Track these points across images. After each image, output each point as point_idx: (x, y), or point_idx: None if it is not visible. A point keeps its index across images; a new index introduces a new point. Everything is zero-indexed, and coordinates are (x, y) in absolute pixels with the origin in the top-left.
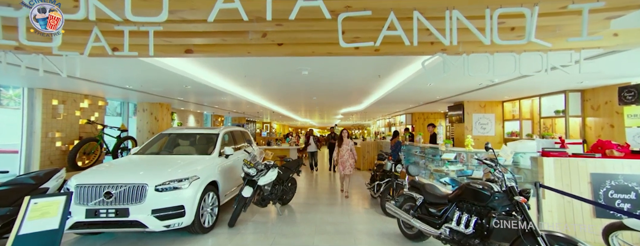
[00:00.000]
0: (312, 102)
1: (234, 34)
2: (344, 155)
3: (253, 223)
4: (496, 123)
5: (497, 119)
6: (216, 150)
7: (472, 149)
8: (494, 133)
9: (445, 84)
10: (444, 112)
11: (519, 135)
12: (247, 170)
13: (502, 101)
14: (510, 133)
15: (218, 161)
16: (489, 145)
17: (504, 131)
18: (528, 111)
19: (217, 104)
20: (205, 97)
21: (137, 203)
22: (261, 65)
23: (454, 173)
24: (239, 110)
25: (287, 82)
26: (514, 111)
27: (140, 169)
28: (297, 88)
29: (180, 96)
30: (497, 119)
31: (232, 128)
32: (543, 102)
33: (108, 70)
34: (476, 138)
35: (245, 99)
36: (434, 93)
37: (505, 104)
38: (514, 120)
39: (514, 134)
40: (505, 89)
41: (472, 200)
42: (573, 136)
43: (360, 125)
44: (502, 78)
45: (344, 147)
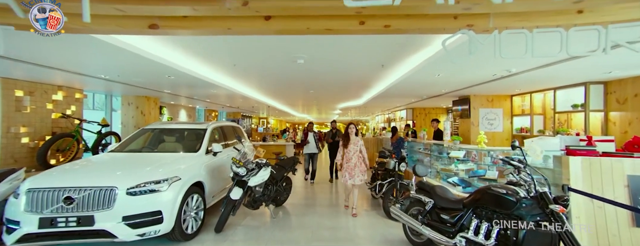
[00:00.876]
0: (309, 96)
1: (207, 2)
2: (352, 158)
3: (243, 228)
4: (504, 118)
5: (505, 114)
6: (203, 147)
7: (485, 146)
8: (502, 129)
9: (455, 76)
10: (446, 107)
11: (530, 131)
12: (236, 170)
13: (510, 95)
14: (520, 129)
15: (205, 160)
16: (516, 143)
17: (512, 127)
18: (539, 105)
19: (209, 98)
20: (194, 90)
21: (105, 209)
22: (251, 52)
23: (464, 172)
24: (233, 104)
25: (281, 73)
26: (524, 106)
27: (112, 169)
28: (292, 80)
29: (167, 88)
30: (505, 114)
31: (222, 123)
32: (558, 95)
33: (77, 56)
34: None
35: (237, 93)
36: (440, 86)
37: (514, 99)
38: (523, 115)
39: (523, 130)
40: (518, 82)
41: (493, 207)
42: (594, 132)
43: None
44: (522, 67)
45: (351, 148)
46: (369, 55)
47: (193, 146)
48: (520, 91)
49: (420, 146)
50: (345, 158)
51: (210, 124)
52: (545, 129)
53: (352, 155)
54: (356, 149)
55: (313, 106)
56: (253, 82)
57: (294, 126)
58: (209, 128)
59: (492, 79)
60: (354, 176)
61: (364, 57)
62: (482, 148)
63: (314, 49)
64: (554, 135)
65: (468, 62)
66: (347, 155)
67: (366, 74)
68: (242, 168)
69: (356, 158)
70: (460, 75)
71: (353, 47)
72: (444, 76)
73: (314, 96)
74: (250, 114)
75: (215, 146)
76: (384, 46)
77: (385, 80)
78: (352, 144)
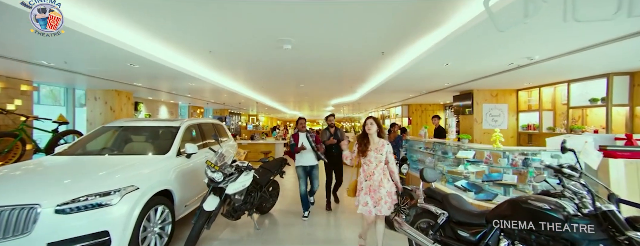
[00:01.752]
0: (300, 91)
1: None
2: (374, 173)
3: (220, 243)
4: (509, 115)
5: (511, 110)
6: (174, 148)
7: (500, 146)
8: (506, 126)
9: (466, 65)
10: (444, 103)
11: (538, 128)
12: (211, 175)
13: (516, 90)
14: (526, 126)
15: (175, 163)
16: (566, 144)
17: (518, 123)
18: (549, 100)
19: (189, 93)
20: (170, 83)
21: (18, 237)
22: (227, 36)
23: (474, 175)
24: (218, 100)
25: (267, 63)
26: (530, 101)
27: (42, 179)
28: (280, 72)
29: (137, 80)
30: (511, 110)
31: (200, 120)
32: (573, 89)
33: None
34: (486, 131)
35: (219, 86)
36: (445, 78)
37: (521, 93)
38: (530, 111)
39: (530, 127)
40: (530, 74)
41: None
42: (617, 129)
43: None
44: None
45: (373, 156)
46: (367, 39)
47: (164, 147)
48: (529, 84)
49: (420, 145)
50: (364, 172)
51: (184, 122)
52: (555, 126)
53: (375, 168)
54: (380, 158)
55: (304, 102)
56: (236, 74)
57: (285, 123)
58: (183, 125)
59: (505, 70)
60: (380, 203)
61: (361, 42)
62: (497, 147)
63: (303, 30)
64: (568, 132)
65: (494, 43)
66: (367, 168)
67: (362, 64)
68: (218, 172)
69: (381, 172)
70: (472, 64)
71: (348, 30)
72: (453, 65)
73: (305, 91)
74: (238, 111)
75: (188, 147)
76: (385, 28)
77: (384, 71)
78: (374, 151)
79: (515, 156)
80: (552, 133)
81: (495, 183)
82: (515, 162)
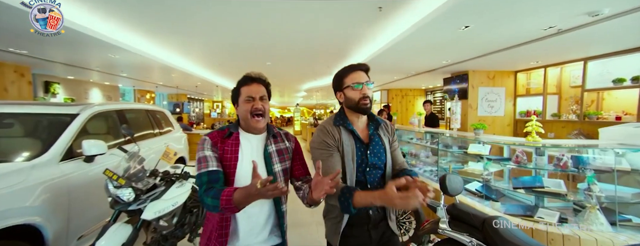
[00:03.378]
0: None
1: None
2: None
3: None
4: (506, 100)
5: (508, 94)
6: (55, 149)
7: (539, 139)
8: (503, 113)
9: (493, 29)
10: (425, 88)
11: (541, 115)
12: (115, 191)
13: (515, 71)
14: (525, 113)
15: (55, 172)
16: None
17: (515, 109)
18: (553, 83)
19: (124, 71)
20: (79, 54)
21: None
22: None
23: (492, 177)
24: (169, 83)
25: (222, 32)
26: (530, 84)
27: None
28: (240, 45)
29: (21, 45)
30: (508, 95)
31: (122, 105)
32: (590, 67)
33: None
34: (482, 118)
35: (160, 63)
36: (449, 52)
37: (519, 75)
38: (528, 96)
39: (529, 113)
40: (542, 49)
41: None
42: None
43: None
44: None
45: None
46: None
47: (37, 147)
48: (537, 63)
49: (411, 136)
50: None
51: (89, 107)
52: (561, 113)
53: None
54: None
55: (274, 86)
56: (182, 45)
57: None
58: (85, 112)
59: (535, 38)
60: None
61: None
62: (534, 142)
63: None
64: (581, 120)
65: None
66: None
67: (349, 30)
68: (125, 188)
69: None
70: (501, 26)
71: None
72: (474, 29)
73: (274, 71)
74: (200, 97)
75: (88, 146)
76: None
77: (373, 42)
78: None
79: (562, 154)
80: (557, 120)
81: (531, 191)
82: (565, 162)
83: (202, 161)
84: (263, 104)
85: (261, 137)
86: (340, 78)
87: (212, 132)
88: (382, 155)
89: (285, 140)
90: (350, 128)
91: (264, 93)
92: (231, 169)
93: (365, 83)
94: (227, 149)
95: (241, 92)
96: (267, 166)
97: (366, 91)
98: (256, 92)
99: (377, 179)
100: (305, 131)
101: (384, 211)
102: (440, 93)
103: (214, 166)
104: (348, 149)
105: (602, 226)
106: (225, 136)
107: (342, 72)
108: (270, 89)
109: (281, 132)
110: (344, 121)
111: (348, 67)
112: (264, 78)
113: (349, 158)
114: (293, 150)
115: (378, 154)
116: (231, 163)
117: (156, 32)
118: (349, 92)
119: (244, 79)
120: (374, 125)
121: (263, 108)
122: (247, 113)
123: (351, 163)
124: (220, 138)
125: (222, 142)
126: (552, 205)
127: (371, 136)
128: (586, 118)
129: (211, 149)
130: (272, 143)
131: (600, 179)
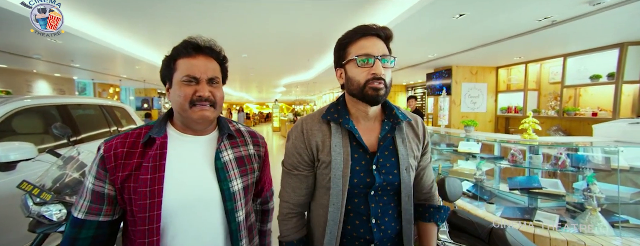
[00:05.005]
0: (243, 65)
1: None
2: None
3: None
4: (488, 96)
5: (490, 90)
6: None
7: (535, 137)
8: (485, 109)
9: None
10: (406, 84)
11: (522, 111)
12: (37, 210)
13: (496, 67)
14: (506, 109)
15: None
16: None
17: (497, 106)
18: (533, 79)
19: (76, 60)
20: (11, 34)
21: None
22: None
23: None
24: (135, 76)
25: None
26: (511, 80)
27: None
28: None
29: None
30: (490, 91)
31: (66, 99)
32: (569, 64)
33: None
34: (464, 115)
35: (119, 51)
36: (436, 45)
37: (500, 71)
38: (509, 92)
39: (510, 109)
40: (525, 43)
41: None
42: (625, 112)
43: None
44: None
45: None
46: None
47: None
48: (520, 59)
49: None
50: None
51: (12, 100)
52: (540, 109)
53: None
54: None
55: (251, 81)
56: (147, 34)
57: (230, 106)
58: (4, 107)
59: (529, 30)
60: None
61: None
62: (531, 139)
63: None
64: (560, 116)
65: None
66: None
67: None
68: (52, 204)
69: None
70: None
71: None
72: (469, 17)
73: (250, 64)
74: None
75: (3, 150)
76: None
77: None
78: None
79: (560, 153)
80: (537, 116)
81: (526, 191)
82: (563, 161)
83: (80, 198)
84: (213, 90)
85: (208, 139)
86: (343, 46)
87: (114, 138)
88: (396, 172)
89: (248, 143)
90: (348, 127)
91: (216, 73)
92: (152, 200)
93: (378, 58)
94: (144, 166)
95: (177, 66)
96: (221, 184)
97: (378, 69)
98: (202, 71)
99: (389, 213)
100: (284, 128)
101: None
102: (422, 89)
103: (95, 212)
104: (338, 160)
105: (605, 230)
106: (142, 142)
107: (347, 38)
108: (226, 66)
109: (242, 129)
110: (340, 114)
111: (357, 29)
112: (219, 49)
113: (337, 175)
114: (262, 157)
115: (391, 171)
116: (151, 188)
117: (115, 18)
118: (351, 70)
119: (184, 45)
120: (390, 122)
121: (213, 97)
122: (186, 102)
123: (340, 184)
124: (129, 148)
125: (132, 156)
126: (544, 205)
127: (382, 140)
128: (565, 114)
129: (101, 176)
130: (228, 148)
131: (597, 178)
